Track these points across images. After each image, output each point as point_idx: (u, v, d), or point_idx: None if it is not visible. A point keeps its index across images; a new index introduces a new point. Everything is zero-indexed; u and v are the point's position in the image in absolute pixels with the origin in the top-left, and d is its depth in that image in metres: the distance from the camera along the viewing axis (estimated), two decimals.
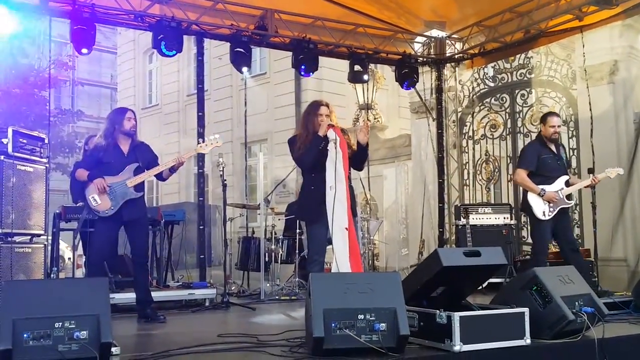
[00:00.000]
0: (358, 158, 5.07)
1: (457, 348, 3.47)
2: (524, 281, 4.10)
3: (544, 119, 6.28)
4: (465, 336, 3.49)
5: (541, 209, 6.02)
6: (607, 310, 4.16)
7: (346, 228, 4.77)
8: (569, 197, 6.12)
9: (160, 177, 5.51)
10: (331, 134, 4.89)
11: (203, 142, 5.76)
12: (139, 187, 5.34)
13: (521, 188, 6.46)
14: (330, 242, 4.92)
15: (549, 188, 6.02)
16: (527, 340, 3.70)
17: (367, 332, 3.40)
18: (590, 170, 7.29)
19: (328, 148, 4.87)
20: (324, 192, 4.80)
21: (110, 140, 5.36)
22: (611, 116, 8.63)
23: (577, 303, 3.96)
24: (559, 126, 6.18)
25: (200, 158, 8.05)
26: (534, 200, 6.05)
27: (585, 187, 6.44)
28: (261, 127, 16.87)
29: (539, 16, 7.83)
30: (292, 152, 5.07)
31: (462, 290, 4.14)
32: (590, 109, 8.21)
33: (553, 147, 6.18)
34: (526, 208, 6.16)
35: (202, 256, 7.74)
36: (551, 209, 6.01)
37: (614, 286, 6.80)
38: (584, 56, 8.19)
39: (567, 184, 6.12)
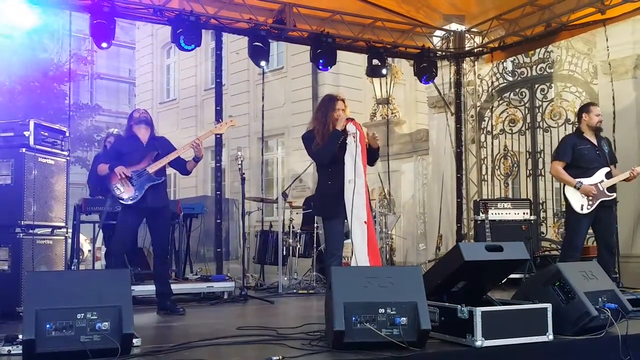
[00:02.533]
0: (370, 157, 5.03)
1: (478, 343, 3.44)
2: (546, 276, 4.05)
3: (586, 109, 5.97)
4: (487, 331, 3.46)
5: (579, 202, 5.73)
6: (631, 306, 4.10)
7: (365, 222, 4.75)
8: (610, 189, 5.77)
9: (184, 170, 5.52)
10: (351, 128, 4.85)
11: (219, 122, 5.78)
12: (160, 172, 5.38)
13: (559, 182, 6.21)
14: (347, 236, 4.89)
15: (586, 181, 5.73)
16: (550, 336, 3.66)
17: (388, 326, 3.37)
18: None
19: (347, 142, 4.83)
20: (341, 187, 4.78)
21: (130, 133, 5.46)
22: (633, 111, 8.52)
23: (600, 299, 3.90)
24: (601, 115, 5.93)
25: (218, 152, 8.06)
26: (571, 193, 5.78)
27: (625, 179, 5.94)
28: (278, 122, 16.87)
29: (561, 9, 7.74)
30: (308, 148, 4.99)
31: (483, 286, 4.10)
32: (614, 104, 8.10)
33: (593, 139, 5.88)
34: (565, 201, 5.89)
35: (218, 249, 7.76)
36: (590, 202, 5.70)
37: (636, 283, 6.71)
38: (608, 50, 8.08)
39: (609, 175, 5.79)
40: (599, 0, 7.36)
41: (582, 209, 5.73)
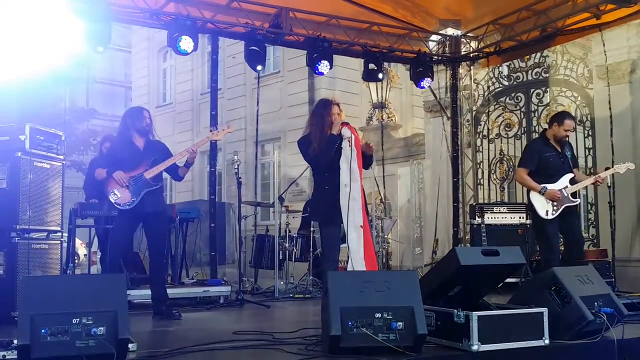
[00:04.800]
0: (365, 161, 5.03)
1: (475, 348, 3.44)
2: (542, 281, 4.06)
3: (560, 120, 5.95)
4: (484, 336, 3.46)
5: (544, 208, 5.80)
6: (626, 310, 4.10)
7: (361, 226, 4.75)
8: (574, 195, 5.86)
9: (176, 176, 5.54)
10: (346, 132, 4.85)
11: (215, 129, 5.78)
12: (157, 178, 5.38)
13: (525, 188, 6.25)
14: (344, 240, 4.89)
15: (551, 186, 5.80)
16: (546, 341, 3.66)
17: (385, 331, 3.37)
18: (607, 169, 7.23)
19: (342, 146, 4.83)
20: (337, 191, 4.77)
21: (126, 137, 5.44)
22: (629, 115, 8.56)
23: (596, 303, 3.90)
24: (572, 129, 6.00)
25: (213, 156, 8.05)
26: (536, 199, 5.84)
27: (591, 184, 6.16)
28: (274, 126, 16.89)
29: (556, 14, 7.76)
30: (304, 153, 4.99)
31: (479, 290, 4.10)
32: (610, 108, 8.12)
33: (557, 146, 5.94)
34: (530, 208, 5.99)
35: (212, 253, 7.74)
36: (555, 208, 5.78)
37: (634, 287, 6.72)
38: (605, 54, 8.11)
39: (572, 181, 5.88)
40: (594, 6, 7.38)
41: (547, 215, 5.78)
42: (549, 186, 5.79)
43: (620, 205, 7.84)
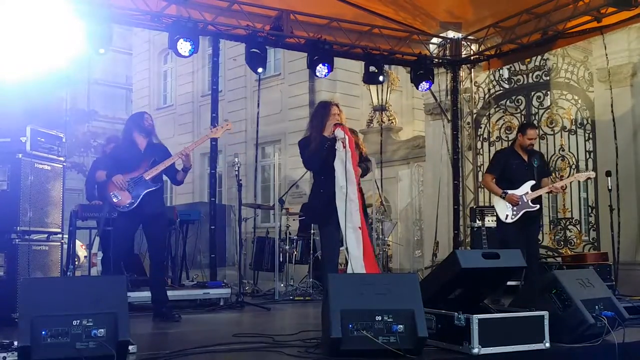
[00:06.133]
0: (361, 169, 5.05)
1: (475, 351, 3.43)
2: (543, 284, 4.06)
3: (523, 130, 6.45)
4: (484, 339, 3.46)
5: (504, 212, 6.19)
6: (627, 314, 4.10)
7: (359, 227, 4.73)
8: (534, 201, 6.20)
9: (175, 180, 5.56)
10: (339, 133, 4.82)
11: (214, 127, 5.80)
12: (157, 179, 5.39)
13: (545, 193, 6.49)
14: (342, 243, 4.89)
15: (512, 191, 6.18)
16: (547, 344, 3.66)
17: (385, 334, 3.37)
18: (608, 173, 7.25)
19: (336, 148, 4.81)
20: (332, 193, 4.76)
21: (129, 140, 5.47)
22: (629, 118, 8.55)
23: (597, 307, 3.90)
24: (535, 138, 6.44)
25: (214, 158, 8.05)
26: (497, 203, 6.27)
27: (546, 192, 6.43)
28: (275, 128, 16.89)
29: (557, 17, 7.76)
30: (302, 155, 5.01)
31: (479, 293, 4.10)
32: (612, 111, 8.12)
33: (525, 155, 6.36)
34: (494, 211, 6.42)
35: (212, 255, 7.73)
36: (514, 212, 6.14)
37: (638, 291, 6.71)
38: (607, 57, 8.11)
39: (535, 188, 6.22)
40: (595, 9, 7.38)
41: (506, 219, 6.19)
42: (510, 191, 6.19)
43: (625, 208, 7.84)
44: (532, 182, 6.23)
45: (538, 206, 6.23)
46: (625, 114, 8.52)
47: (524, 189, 6.21)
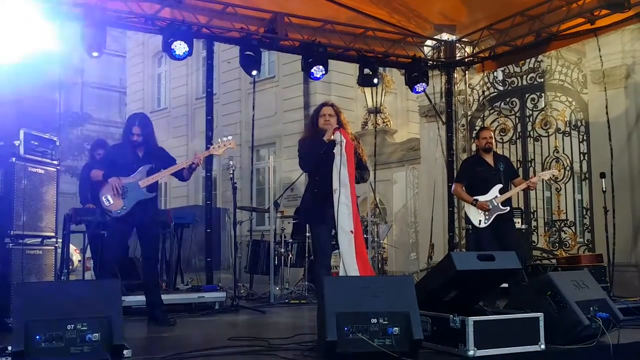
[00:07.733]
0: (357, 170, 5.06)
1: (471, 353, 3.44)
2: (538, 286, 4.07)
3: (477, 135, 6.83)
4: (480, 341, 3.46)
5: (477, 218, 6.39)
6: (622, 315, 4.11)
7: (351, 231, 4.73)
8: (504, 203, 6.37)
9: (181, 177, 5.51)
10: (337, 136, 4.86)
11: (216, 143, 5.75)
12: (152, 187, 5.36)
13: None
14: (335, 245, 4.88)
15: (482, 197, 6.37)
16: (542, 346, 3.66)
17: (380, 336, 3.37)
18: (602, 175, 7.26)
19: (334, 151, 4.83)
20: (326, 194, 4.78)
21: (126, 142, 5.43)
22: (623, 120, 8.59)
23: (591, 308, 3.92)
24: (490, 137, 6.61)
25: (209, 161, 8.03)
26: (469, 210, 6.46)
27: (525, 189, 6.72)
28: (269, 131, 16.87)
29: (550, 20, 7.78)
30: (298, 155, 5.10)
31: (475, 295, 4.10)
32: (607, 112, 8.15)
33: (490, 159, 6.55)
34: (466, 218, 6.63)
35: (208, 259, 7.71)
36: (487, 217, 6.33)
37: (634, 292, 6.73)
38: (601, 59, 8.13)
39: (503, 191, 6.41)
40: (588, 11, 7.40)
41: (480, 224, 6.38)
42: (480, 198, 6.38)
43: (620, 210, 7.87)
44: (500, 186, 6.44)
45: (508, 208, 6.43)
46: (619, 116, 8.56)
47: (493, 193, 6.41)
